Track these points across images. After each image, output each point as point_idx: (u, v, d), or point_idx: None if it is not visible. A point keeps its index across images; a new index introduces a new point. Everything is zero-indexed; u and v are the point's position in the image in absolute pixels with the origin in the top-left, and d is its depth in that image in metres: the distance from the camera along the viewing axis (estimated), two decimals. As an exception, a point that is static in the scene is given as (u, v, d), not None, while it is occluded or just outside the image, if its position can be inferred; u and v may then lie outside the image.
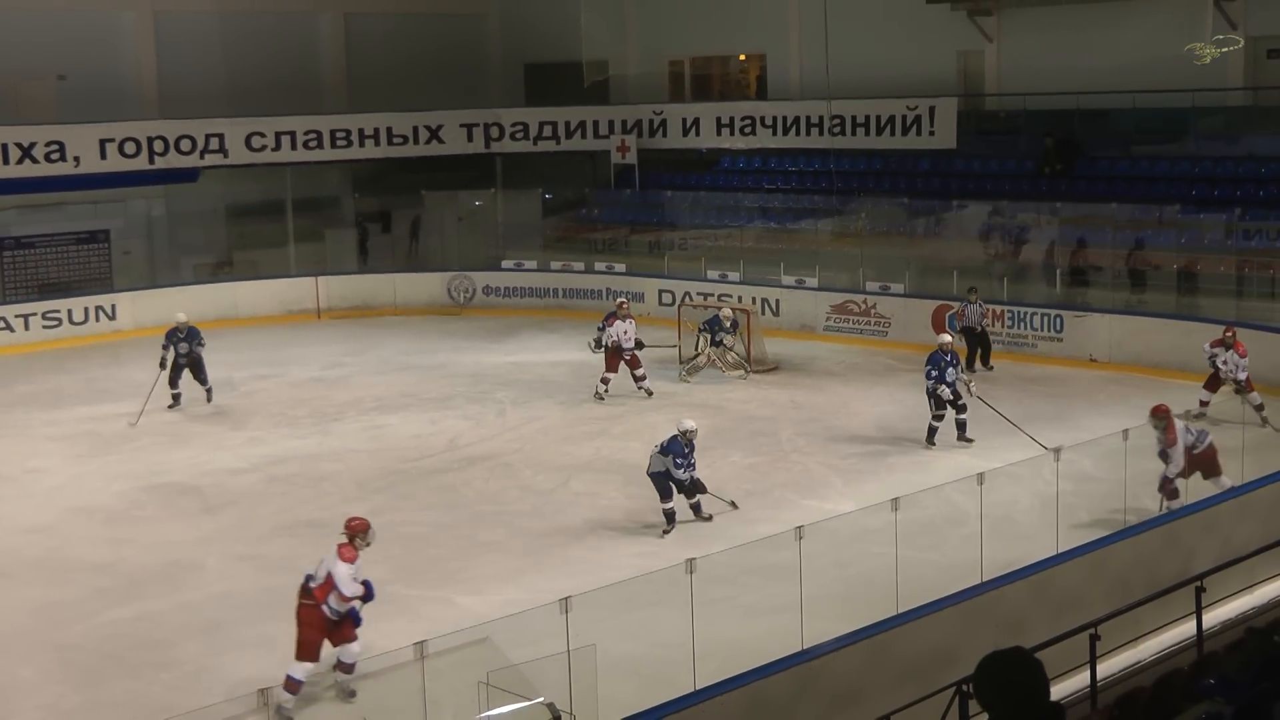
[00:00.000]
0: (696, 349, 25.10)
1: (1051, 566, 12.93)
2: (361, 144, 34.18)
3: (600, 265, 32.25)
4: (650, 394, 23.29)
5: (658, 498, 16.85)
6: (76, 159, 31.00)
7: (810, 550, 12.53)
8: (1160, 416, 15.83)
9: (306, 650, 12.36)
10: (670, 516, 16.82)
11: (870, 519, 14.44)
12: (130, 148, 31.68)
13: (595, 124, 35.15)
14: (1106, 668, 11.40)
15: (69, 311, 30.04)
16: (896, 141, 31.45)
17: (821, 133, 32.06)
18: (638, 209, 34.73)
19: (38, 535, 16.70)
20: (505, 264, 33.07)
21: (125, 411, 22.63)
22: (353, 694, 12.46)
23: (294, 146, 33.52)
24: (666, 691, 10.70)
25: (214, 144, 32.63)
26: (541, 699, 10.26)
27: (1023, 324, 25.69)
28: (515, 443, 21.07)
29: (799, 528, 12.54)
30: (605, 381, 23.36)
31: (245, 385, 25.07)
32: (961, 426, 20.13)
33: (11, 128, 30.39)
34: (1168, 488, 15.64)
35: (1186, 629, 12.13)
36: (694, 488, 17.07)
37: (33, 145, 30.51)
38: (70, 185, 31.25)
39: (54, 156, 30.77)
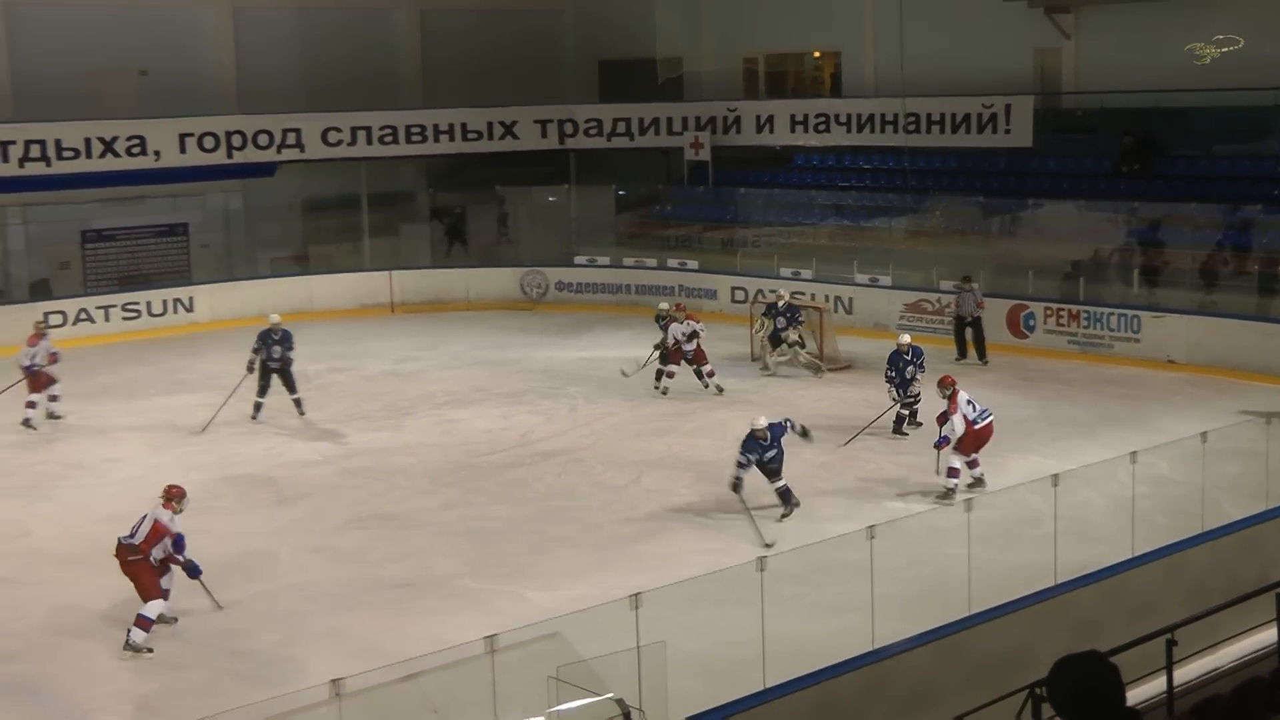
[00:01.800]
0: (760, 340, 25.05)
1: (1127, 570, 12.78)
2: (436, 139, 34.33)
3: (673, 262, 32.22)
4: (720, 390, 23.24)
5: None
6: (157, 153, 31.36)
7: (882, 549, 12.45)
8: (945, 387, 17.67)
9: (152, 591, 13.76)
10: (783, 496, 17.02)
11: (943, 519, 14.37)
12: (209, 142, 32.02)
13: (669, 121, 35.11)
14: (1183, 674, 11.23)
15: (148, 304, 30.42)
16: (972, 140, 31.15)
17: (896, 130, 31.84)
18: (711, 206, 34.66)
19: (115, 524, 16.80)
20: (578, 260, 33.12)
21: (201, 401, 22.84)
22: (150, 651, 13.61)
23: (369, 142, 33.73)
24: (736, 689, 10.67)
25: (291, 139, 32.91)
26: (611, 695, 10.26)
27: (1099, 324, 25.40)
28: (587, 438, 21.09)
29: (871, 527, 12.48)
30: (670, 375, 23.46)
31: (320, 378, 25.24)
32: (908, 418, 20.68)
33: (94, 122, 30.78)
34: (942, 448, 17.57)
35: (1267, 636, 11.92)
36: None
37: (114, 139, 30.89)
38: (150, 179, 31.63)
39: (135, 150, 31.13)
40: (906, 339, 21.13)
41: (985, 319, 25.38)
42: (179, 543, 14.07)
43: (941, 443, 17.66)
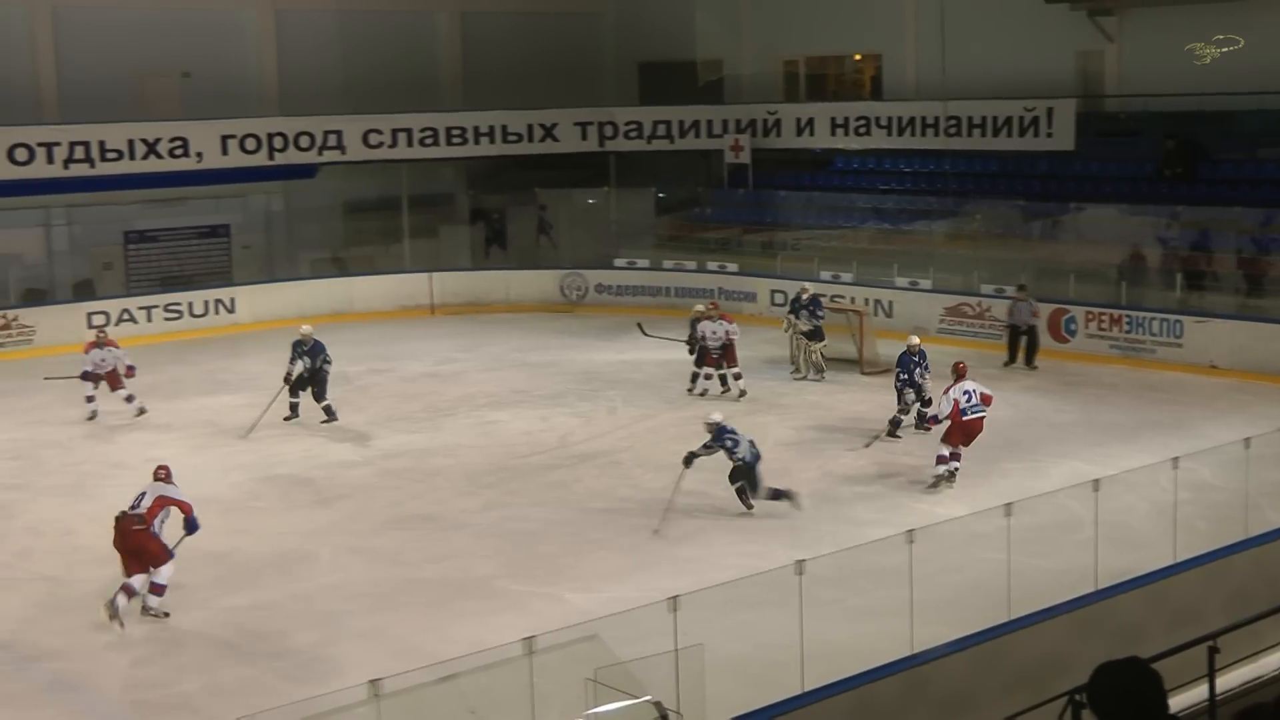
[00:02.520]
0: (791, 339, 24.95)
1: (1168, 576, 12.69)
2: (477, 141, 34.41)
3: (713, 265, 32.22)
4: (742, 395, 23.14)
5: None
6: (199, 154, 31.55)
7: (921, 554, 12.40)
8: (956, 371, 18.64)
9: (162, 556, 14.48)
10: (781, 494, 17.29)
11: (982, 523, 14.27)
12: (251, 144, 32.20)
13: (709, 123, 35.10)
14: (1225, 682, 11.12)
15: (190, 304, 30.65)
16: (1013, 143, 31.01)
17: (937, 133, 31.74)
18: (751, 209, 34.61)
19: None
20: (618, 262, 33.16)
21: (242, 402, 22.97)
22: (166, 615, 14.41)
23: (410, 143, 33.84)
24: (774, 693, 10.65)
25: (332, 141, 33.06)
26: (648, 697, 10.25)
27: (1141, 329, 25.24)
28: (625, 441, 21.10)
29: (910, 531, 12.45)
30: (706, 377, 23.51)
31: (360, 379, 25.36)
32: (921, 417, 20.74)
33: (137, 124, 31.01)
34: (928, 422, 18.94)
35: (1311, 643, 11.86)
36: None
37: (157, 141, 31.10)
38: (192, 180, 31.82)
39: (177, 152, 31.34)
40: (915, 340, 21.23)
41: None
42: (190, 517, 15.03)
43: (930, 420, 18.73)
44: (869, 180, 33.58)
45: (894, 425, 20.71)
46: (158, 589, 14.44)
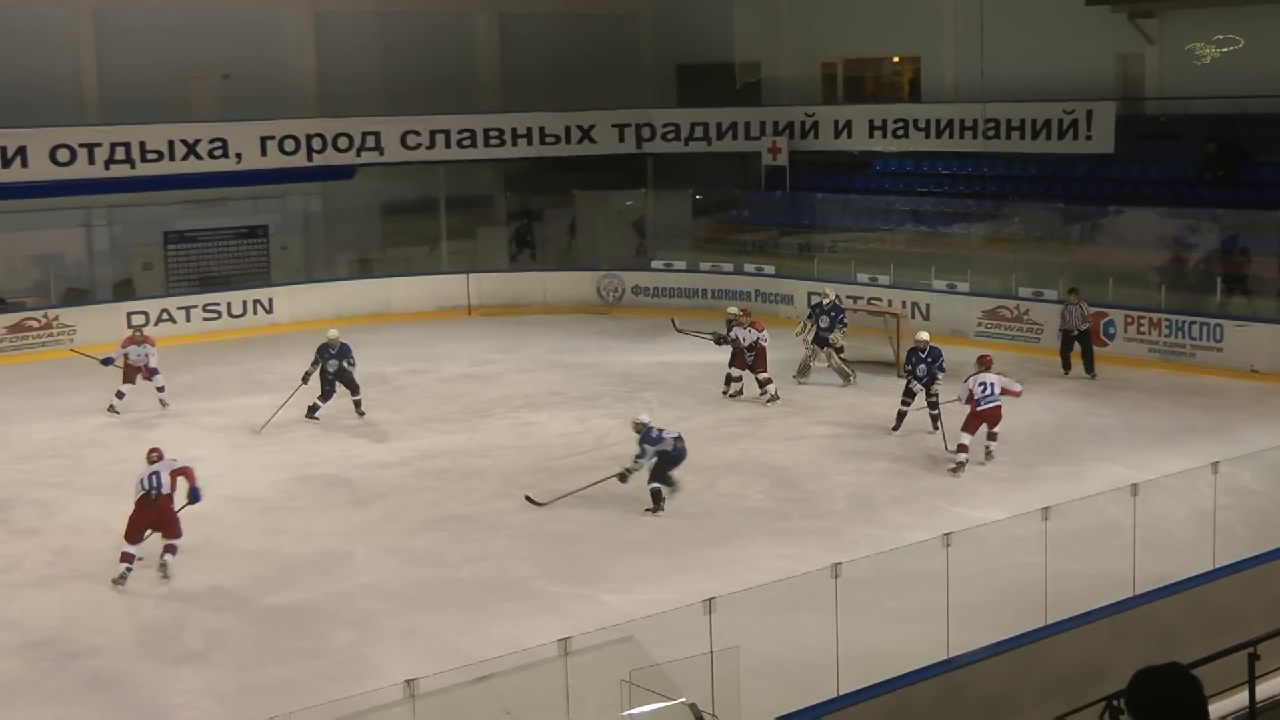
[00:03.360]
0: (805, 343, 24.79)
1: (1208, 582, 12.61)
2: (514, 143, 34.49)
3: (750, 267, 32.20)
4: (770, 400, 23.06)
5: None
6: (238, 156, 31.73)
7: (958, 557, 12.37)
8: (980, 363, 19.59)
9: (177, 528, 15.74)
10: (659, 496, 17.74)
11: (1020, 528, 14.21)
12: (290, 145, 32.35)
13: (747, 125, 35.07)
14: (1266, 689, 11.05)
15: (228, 304, 30.80)
16: (1052, 145, 30.86)
17: (975, 136, 31.60)
18: (788, 211, 34.58)
19: (195, 523, 17.04)
20: (655, 264, 33.17)
21: (280, 402, 23.06)
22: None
23: (448, 145, 33.93)
24: (809, 696, 10.63)
25: (370, 142, 33.18)
26: (684, 699, 10.25)
27: (1180, 333, 25.09)
28: (661, 442, 21.07)
29: (947, 534, 12.41)
30: (737, 380, 23.52)
31: (397, 380, 25.44)
32: (934, 420, 20.79)
33: (178, 125, 31.19)
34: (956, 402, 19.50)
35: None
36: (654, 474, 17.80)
37: (197, 142, 31.27)
38: (232, 181, 32.01)
39: (217, 153, 31.51)
40: (924, 337, 21.40)
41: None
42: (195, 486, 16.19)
43: (951, 400, 19.69)
44: (907, 183, 33.51)
45: (898, 419, 21.05)
46: (174, 550, 15.77)
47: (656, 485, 17.74)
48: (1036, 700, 10.82)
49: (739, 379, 23.50)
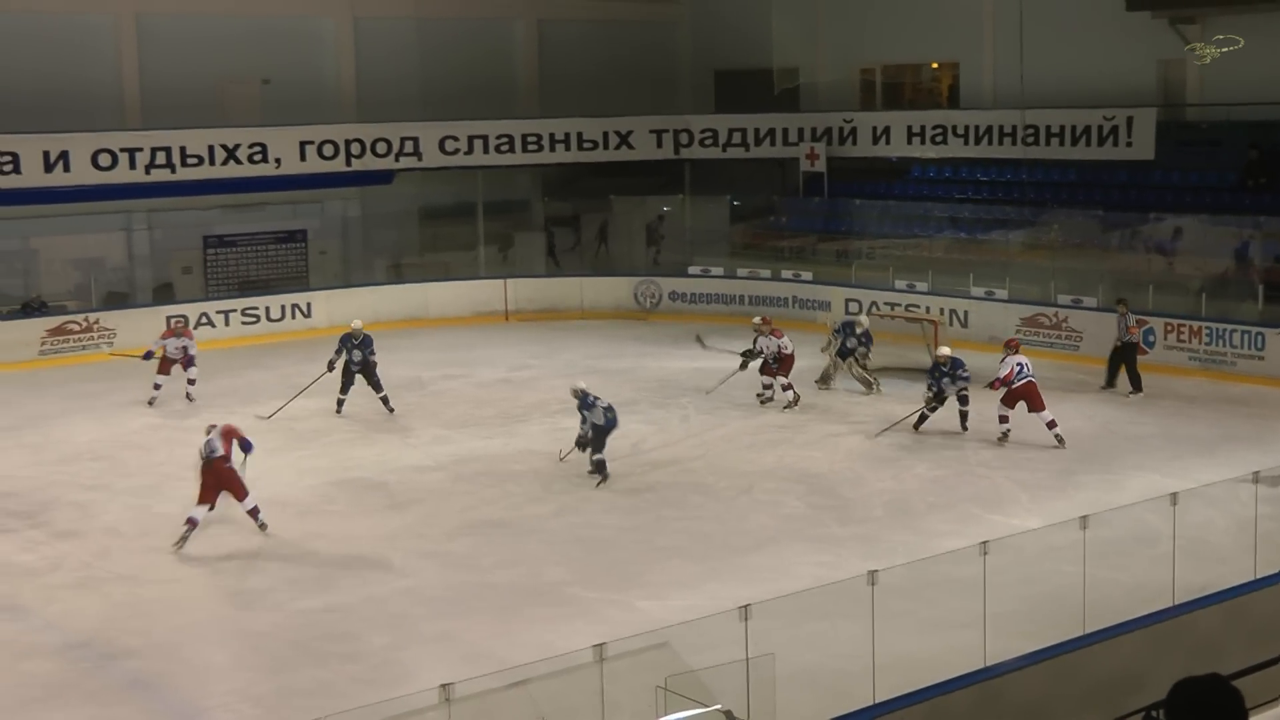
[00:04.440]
0: (829, 355, 24.74)
1: (1248, 592, 12.51)
2: (552, 149, 34.52)
3: (787, 273, 32.12)
4: (787, 406, 23.01)
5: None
6: (278, 160, 31.86)
7: (995, 566, 12.32)
8: (1008, 347, 21.52)
9: (244, 487, 17.01)
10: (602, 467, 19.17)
11: (1057, 536, 14.14)
12: (328, 150, 32.46)
13: (785, 131, 35.01)
14: (1307, 700, 10.98)
15: (267, 309, 30.92)
16: (1092, 152, 30.70)
17: (1015, 142, 31.45)
18: (826, 217, 34.52)
19: (232, 525, 17.17)
20: (692, 270, 33.14)
21: (317, 408, 23.17)
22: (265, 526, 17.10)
23: (486, 150, 33.98)
24: (844, 704, 10.61)
25: (409, 147, 33.26)
26: (719, 706, 10.23)
27: (1221, 341, 24.91)
28: (698, 449, 21.08)
29: (984, 543, 12.35)
30: (767, 387, 23.54)
31: (434, 385, 25.50)
32: (960, 420, 21.51)
33: (218, 130, 31.36)
34: (995, 387, 20.95)
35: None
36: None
37: (237, 147, 31.44)
38: (271, 186, 32.17)
39: (256, 158, 31.67)
40: (944, 351, 21.87)
41: (1099, 334, 24.92)
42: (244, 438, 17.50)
43: (994, 382, 20.89)
44: (945, 189, 33.38)
45: (920, 418, 21.47)
46: (255, 511, 17.08)
47: (601, 457, 19.09)
48: (1073, 711, 10.76)
49: (770, 386, 23.50)
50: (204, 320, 29.81)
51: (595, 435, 19.20)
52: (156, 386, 23.96)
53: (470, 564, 16.25)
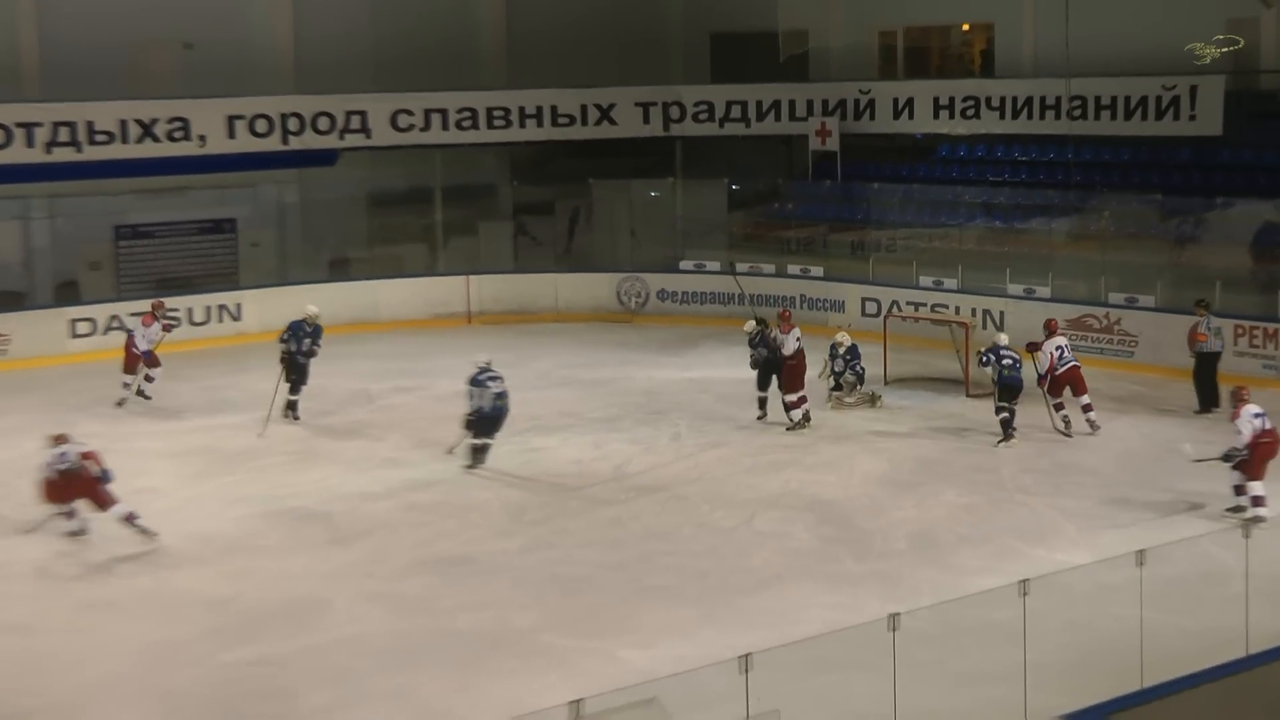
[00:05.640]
0: (830, 376, 24.67)
1: (1335, 640, 12.52)
2: (522, 125, 34.57)
3: (794, 268, 32.16)
4: (793, 427, 22.94)
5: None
6: (201, 138, 31.84)
7: (1036, 608, 12.34)
8: (1047, 328, 22.91)
9: (110, 497, 17.71)
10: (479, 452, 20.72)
11: (1109, 574, 14.16)
12: (261, 126, 32.46)
13: (791, 104, 35.11)
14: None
15: (189, 310, 30.79)
16: (1149, 127, 30.80)
17: (1058, 116, 31.53)
18: (839, 204, 34.58)
19: (146, 564, 17.11)
20: (684, 265, 33.19)
21: (247, 423, 23.10)
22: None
23: (445, 127, 34.05)
24: (862, 770, 10.58)
25: (355, 123, 33.31)
26: (715, 773, 10.21)
27: (1290, 344, 25.01)
28: (691, 472, 21.06)
29: (1024, 581, 12.37)
30: (763, 405, 23.58)
31: (384, 398, 25.46)
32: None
33: (131, 102, 31.31)
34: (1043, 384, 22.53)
35: None
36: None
37: (154, 122, 31.40)
38: (194, 167, 32.10)
39: (177, 135, 31.64)
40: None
41: (1157, 338, 24.93)
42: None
43: (1040, 379, 22.43)
44: (978, 171, 33.49)
45: (1003, 427, 22.04)
46: (132, 516, 17.79)
47: (484, 441, 20.66)
48: (1130, 777, 10.74)
49: (765, 403, 23.39)
50: (115, 324, 29.59)
51: (480, 422, 20.40)
52: (126, 385, 24.71)
53: (425, 607, 16.18)
